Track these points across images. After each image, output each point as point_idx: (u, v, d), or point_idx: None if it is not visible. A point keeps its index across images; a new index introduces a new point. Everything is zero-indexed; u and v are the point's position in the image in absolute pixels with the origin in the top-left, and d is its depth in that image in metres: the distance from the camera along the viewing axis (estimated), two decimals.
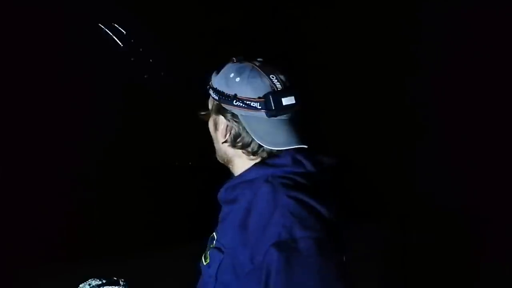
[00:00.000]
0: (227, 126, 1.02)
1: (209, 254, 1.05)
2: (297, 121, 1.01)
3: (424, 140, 4.75)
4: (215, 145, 1.09)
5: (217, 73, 1.04)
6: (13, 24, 4.00)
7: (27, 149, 4.18)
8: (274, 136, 0.97)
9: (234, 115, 1.00)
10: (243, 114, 0.99)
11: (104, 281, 1.15)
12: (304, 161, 1.00)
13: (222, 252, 1.00)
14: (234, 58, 1.05)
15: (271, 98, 0.96)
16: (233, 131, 1.01)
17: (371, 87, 4.92)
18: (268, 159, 1.02)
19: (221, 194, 1.07)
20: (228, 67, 1.03)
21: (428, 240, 3.93)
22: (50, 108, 4.27)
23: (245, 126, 0.99)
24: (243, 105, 0.97)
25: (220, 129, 1.03)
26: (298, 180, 0.99)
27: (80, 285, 1.14)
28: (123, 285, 1.16)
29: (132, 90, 4.57)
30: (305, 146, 0.98)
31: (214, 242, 1.06)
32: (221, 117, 1.02)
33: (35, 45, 4.09)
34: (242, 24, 4.70)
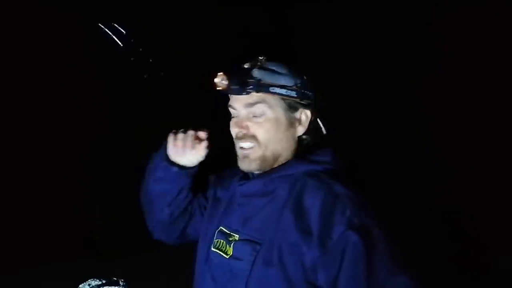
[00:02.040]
0: (308, 120, 1.06)
1: (234, 247, 1.03)
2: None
3: (423, 141, 4.75)
4: (275, 145, 1.04)
5: (279, 72, 1.04)
6: (13, 24, 4.00)
7: (27, 149, 4.18)
8: (329, 126, 1.09)
9: (312, 109, 1.06)
10: (315, 107, 1.07)
11: (104, 281, 1.15)
12: (339, 159, 1.07)
13: (259, 244, 0.99)
14: (263, 57, 1.06)
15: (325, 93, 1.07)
16: (313, 124, 1.07)
17: (370, 87, 4.92)
18: (308, 155, 1.06)
19: (254, 188, 1.07)
20: (284, 65, 1.06)
21: (428, 239, 3.94)
22: (50, 108, 4.27)
23: (317, 119, 1.07)
24: (316, 100, 1.06)
25: (297, 124, 1.06)
26: (337, 175, 1.03)
27: (80, 285, 1.14)
28: (123, 285, 1.16)
29: (131, 90, 4.57)
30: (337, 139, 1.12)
31: (237, 234, 1.04)
32: (302, 112, 1.06)
33: (34, 45, 4.09)
34: (242, 24, 4.69)
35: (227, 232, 1.07)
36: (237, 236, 1.04)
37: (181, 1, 4.61)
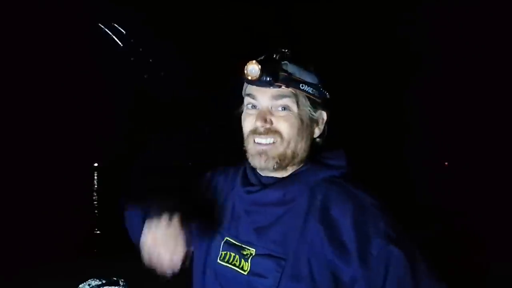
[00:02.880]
0: (324, 121, 1.02)
1: (252, 262, 0.95)
2: None
3: (421, 141, 4.76)
4: (295, 144, 0.97)
5: (306, 68, 0.99)
6: (13, 24, 4.00)
7: (27, 150, 4.18)
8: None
9: (328, 110, 1.02)
10: (329, 108, 1.02)
11: (104, 281, 1.14)
12: (351, 162, 1.02)
13: (282, 259, 0.92)
14: (286, 50, 1.01)
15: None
16: (325, 127, 1.02)
17: (370, 89, 4.92)
18: (324, 159, 1.01)
19: (272, 197, 0.99)
20: (307, 63, 1.02)
21: (427, 239, 3.93)
22: (50, 108, 4.27)
23: (329, 120, 1.03)
24: (329, 100, 1.02)
25: (320, 123, 1.01)
26: (356, 180, 0.99)
27: (80, 285, 1.14)
28: (123, 285, 1.16)
29: (131, 90, 4.58)
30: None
31: (252, 248, 0.96)
32: (321, 112, 1.01)
33: (34, 45, 4.10)
34: (242, 24, 4.70)
35: (237, 244, 0.99)
36: (253, 249, 0.96)
37: (181, 1, 4.61)
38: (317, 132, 1.01)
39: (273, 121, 0.96)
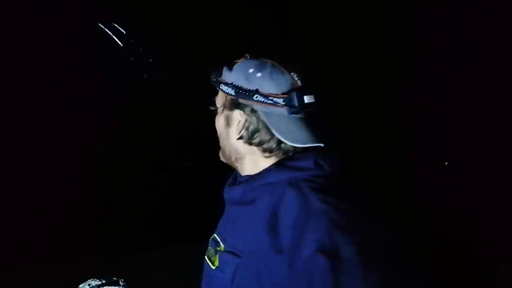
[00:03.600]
0: (245, 121, 0.99)
1: (219, 258, 1.00)
2: (314, 120, 1.00)
3: (419, 141, 4.76)
4: (223, 142, 1.06)
5: (230, 68, 1.02)
6: (13, 24, 4.00)
7: (27, 149, 4.18)
8: (295, 133, 0.95)
9: (253, 111, 0.98)
10: (263, 110, 0.97)
11: (104, 281, 1.14)
12: (325, 164, 0.99)
13: (238, 256, 0.96)
14: (247, 55, 1.03)
15: (294, 95, 0.95)
16: (251, 127, 0.99)
17: (366, 88, 4.92)
18: (288, 161, 1.00)
19: (234, 195, 1.04)
20: (245, 62, 1.01)
21: (426, 239, 3.94)
22: (50, 108, 4.27)
23: (265, 122, 0.97)
24: (265, 101, 0.96)
25: (234, 124, 1.01)
26: (322, 183, 0.96)
27: (80, 285, 1.14)
28: (122, 285, 1.16)
29: (131, 90, 4.57)
30: (322, 145, 0.98)
31: (222, 244, 1.02)
32: (238, 112, 0.99)
33: (34, 45, 4.10)
34: (241, 24, 4.70)
35: (217, 240, 1.05)
36: (223, 246, 1.01)
37: (180, 1, 4.61)
38: (234, 131, 1.01)
39: None
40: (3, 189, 3.88)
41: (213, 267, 1.01)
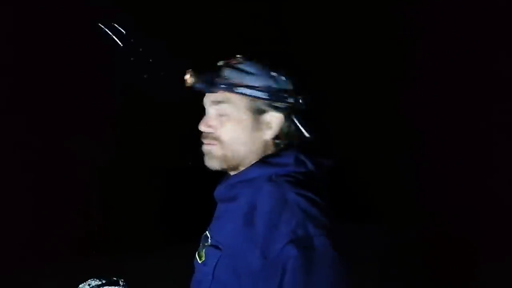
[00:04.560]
0: (281, 123, 1.02)
1: (205, 252, 1.04)
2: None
3: (419, 141, 4.76)
4: (239, 146, 1.02)
5: (248, 72, 1.01)
6: (12, 24, 4.00)
7: (27, 149, 4.18)
8: (313, 129, 1.03)
9: (286, 112, 1.02)
10: (292, 110, 1.02)
11: (103, 281, 1.14)
12: (306, 161, 1.01)
13: (220, 249, 0.99)
14: (239, 56, 1.04)
15: (308, 95, 1.02)
16: (285, 128, 1.02)
17: (366, 89, 4.92)
18: (269, 158, 1.02)
19: (220, 192, 1.07)
20: (259, 65, 1.02)
21: (425, 240, 3.94)
22: (50, 109, 4.27)
23: (296, 122, 1.02)
24: (294, 101, 1.01)
25: (265, 127, 1.02)
26: (301, 179, 0.99)
27: (80, 285, 1.14)
28: (122, 285, 1.16)
29: (131, 90, 4.57)
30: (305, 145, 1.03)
31: (209, 240, 1.05)
32: (273, 115, 1.01)
33: (34, 45, 4.09)
34: (241, 23, 4.69)
35: (207, 236, 1.08)
36: (210, 241, 1.05)
37: (180, 1, 4.61)
38: (269, 133, 1.03)
39: (214, 125, 1.03)
40: (3, 189, 3.88)
41: (200, 262, 1.05)
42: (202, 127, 1.04)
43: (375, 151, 4.76)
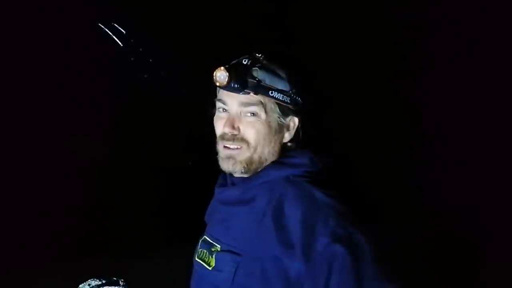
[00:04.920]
0: (295, 127, 1.04)
1: (216, 258, 1.00)
2: None
3: (420, 141, 4.76)
4: (261, 149, 1.00)
5: (279, 75, 1.01)
6: (12, 24, 4.00)
7: (28, 149, 4.18)
8: (316, 130, 1.08)
9: (303, 115, 1.04)
10: (305, 114, 1.04)
11: (104, 281, 1.14)
12: (317, 160, 1.03)
13: (238, 255, 0.96)
14: (261, 55, 1.03)
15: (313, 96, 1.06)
16: (302, 131, 1.05)
17: (366, 88, 4.92)
18: (284, 159, 1.03)
19: (230, 195, 1.04)
20: (286, 68, 1.03)
21: (425, 239, 3.94)
22: (50, 109, 4.27)
23: (308, 124, 1.05)
24: (308, 106, 1.04)
25: (284, 130, 1.03)
26: (317, 178, 1.00)
27: (80, 285, 1.14)
28: (122, 285, 1.16)
29: (131, 90, 4.57)
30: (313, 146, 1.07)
31: (218, 245, 1.02)
32: (293, 118, 1.04)
33: (33, 45, 4.09)
34: (242, 23, 4.69)
35: (210, 241, 1.05)
36: (219, 246, 1.02)
37: (181, 1, 4.61)
38: (287, 137, 1.04)
39: (241, 127, 0.99)
40: (3, 189, 3.88)
41: (210, 268, 1.01)
42: (227, 129, 0.99)
43: (375, 151, 4.76)
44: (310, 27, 4.86)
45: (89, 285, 1.13)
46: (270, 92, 0.98)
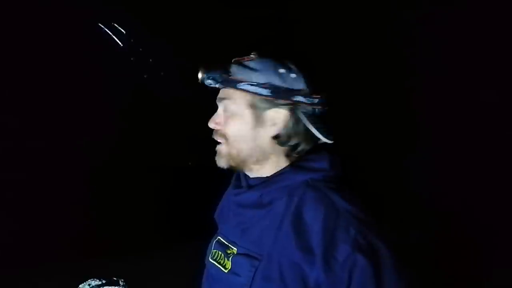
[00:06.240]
0: (285, 121, 0.98)
1: (232, 261, 0.99)
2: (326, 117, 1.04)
3: (421, 141, 4.75)
4: (243, 144, 1.00)
5: (249, 67, 0.99)
6: (12, 24, 4.00)
7: (28, 149, 4.18)
8: (327, 130, 0.98)
9: (292, 110, 0.98)
10: (301, 110, 0.98)
11: (104, 281, 1.14)
12: (337, 164, 1.01)
13: (257, 259, 0.94)
14: (254, 53, 1.02)
15: (322, 95, 0.99)
16: (290, 127, 0.99)
17: (367, 89, 4.92)
18: (303, 162, 1.00)
19: (247, 198, 1.02)
20: (265, 62, 1.00)
21: (426, 240, 3.93)
22: (50, 109, 4.27)
23: (305, 122, 0.98)
24: (305, 101, 0.98)
25: (268, 124, 0.99)
26: (336, 184, 0.98)
27: (80, 285, 1.14)
28: (122, 285, 1.16)
29: (131, 90, 4.57)
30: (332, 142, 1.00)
31: (235, 248, 1.00)
32: (275, 112, 0.98)
33: (33, 45, 4.09)
34: (243, 23, 4.69)
35: (225, 243, 1.04)
36: (235, 249, 1.00)
37: (180, 1, 4.61)
38: (273, 130, 0.99)
39: (220, 122, 1.02)
40: (3, 189, 3.88)
41: (225, 271, 1.00)
42: (210, 124, 1.04)
43: (375, 151, 4.76)
44: (312, 28, 4.86)
45: (89, 285, 1.13)
46: (239, 84, 0.98)
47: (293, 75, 0.98)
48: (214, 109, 1.07)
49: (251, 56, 1.02)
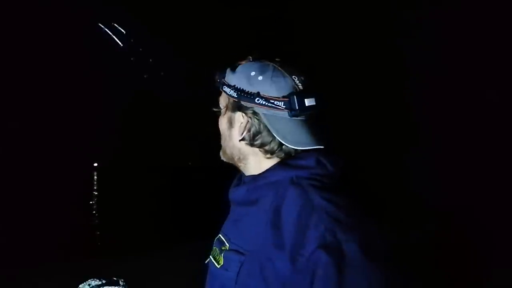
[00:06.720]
0: (247, 123, 0.99)
1: (224, 257, 1.01)
2: (315, 122, 1.01)
3: (421, 142, 4.75)
4: (226, 143, 1.05)
5: (233, 70, 1.02)
6: (12, 24, 4.00)
7: (29, 149, 4.18)
8: (297, 135, 0.97)
9: (255, 113, 0.98)
10: (264, 112, 0.98)
11: (104, 281, 1.14)
12: (326, 163, 1.00)
13: (242, 254, 0.97)
14: (250, 57, 1.03)
15: (295, 98, 0.96)
16: (252, 129, 0.99)
17: (367, 89, 4.91)
18: (290, 160, 1.00)
19: (238, 195, 1.05)
20: (248, 65, 1.01)
21: (426, 240, 3.93)
22: (50, 109, 4.27)
23: (266, 125, 0.98)
24: (266, 104, 0.97)
25: (236, 126, 1.01)
26: (324, 181, 0.97)
27: (80, 285, 1.14)
28: (122, 285, 1.16)
29: (131, 90, 4.57)
30: (322, 147, 0.98)
31: (228, 244, 1.03)
32: (239, 115, 1.00)
33: (33, 45, 4.09)
34: (243, 23, 4.69)
35: (222, 240, 1.06)
36: (228, 245, 1.02)
37: (181, 1, 4.61)
38: (235, 134, 1.02)
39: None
40: (3, 189, 3.88)
41: (218, 266, 1.02)
42: None
43: (375, 152, 4.75)
44: (312, 28, 4.86)
45: (89, 285, 1.13)
46: (223, 87, 1.03)
47: (260, 78, 0.98)
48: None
49: (247, 58, 1.04)
